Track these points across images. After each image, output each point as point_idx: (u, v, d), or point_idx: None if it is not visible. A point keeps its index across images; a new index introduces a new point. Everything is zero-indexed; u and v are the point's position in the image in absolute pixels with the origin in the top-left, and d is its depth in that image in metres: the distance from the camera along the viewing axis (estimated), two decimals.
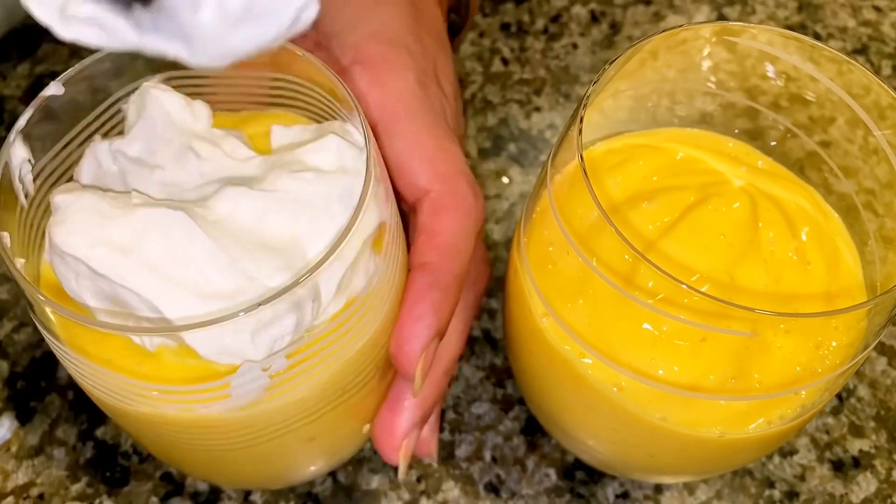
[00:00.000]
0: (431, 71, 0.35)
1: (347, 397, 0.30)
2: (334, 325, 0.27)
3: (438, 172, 0.32)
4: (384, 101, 0.32)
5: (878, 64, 0.55)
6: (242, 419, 0.28)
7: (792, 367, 0.30)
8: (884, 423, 0.42)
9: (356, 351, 0.29)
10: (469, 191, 0.32)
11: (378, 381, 0.32)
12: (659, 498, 0.39)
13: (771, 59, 0.34)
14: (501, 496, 0.40)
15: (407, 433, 0.33)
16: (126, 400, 0.28)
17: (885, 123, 0.32)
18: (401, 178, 0.32)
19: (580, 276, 0.30)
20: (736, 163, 0.35)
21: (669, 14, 0.57)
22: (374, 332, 0.29)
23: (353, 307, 0.28)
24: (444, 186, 0.32)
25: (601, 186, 0.34)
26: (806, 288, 0.32)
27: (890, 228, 0.33)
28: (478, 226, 0.33)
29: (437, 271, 0.31)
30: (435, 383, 0.33)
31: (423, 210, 0.32)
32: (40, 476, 0.39)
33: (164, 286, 0.26)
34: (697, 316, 0.27)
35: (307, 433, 0.31)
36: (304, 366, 0.27)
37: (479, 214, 0.33)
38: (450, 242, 0.31)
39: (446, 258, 0.31)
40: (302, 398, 0.28)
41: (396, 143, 0.32)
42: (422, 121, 0.33)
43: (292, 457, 0.33)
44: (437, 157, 0.32)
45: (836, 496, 0.40)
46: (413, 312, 0.30)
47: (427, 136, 0.33)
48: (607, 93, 0.33)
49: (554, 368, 0.32)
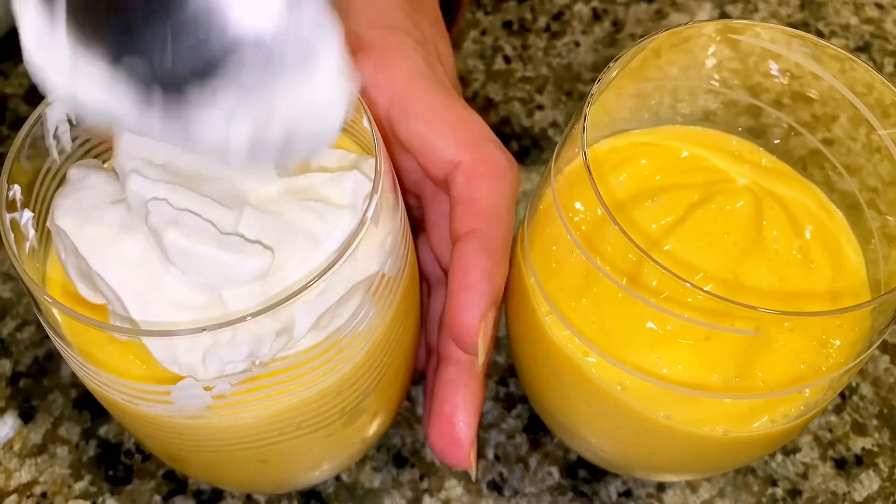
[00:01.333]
0: (433, 52, 0.34)
1: (304, 433, 0.29)
2: (294, 364, 0.27)
3: (465, 142, 0.31)
4: (393, 84, 0.31)
5: (880, 61, 0.55)
6: (189, 427, 0.28)
7: (796, 365, 0.30)
8: (887, 421, 0.42)
9: (316, 392, 0.28)
10: (501, 155, 0.31)
11: (342, 426, 0.31)
12: (662, 496, 0.39)
13: (774, 56, 0.34)
14: (504, 494, 0.40)
15: (472, 442, 0.32)
16: (103, 389, 0.28)
17: (888, 121, 0.31)
18: (426, 157, 0.31)
19: (584, 275, 0.30)
20: (739, 161, 0.35)
21: (672, 12, 0.57)
22: (341, 376, 0.28)
23: (319, 349, 0.27)
24: (473, 155, 0.31)
25: (605, 185, 0.33)
26: (810, 286, 0.32)
27: (893, 226, 0.33)
28: (515, 189, 0.32)
29: (483, 238, 0.30)
30: (479, 384, 0.32)
31: (456, 182, 0.31)
32: (43, 474, 0.39)
33: (133, 283, 0.26)
34: (701, 314, 0.27)
35: (256, 456, 0.30)
36: (252, 395, 0.27)
37: (514, 178, 0.32)
38: (491, 207, 0.30)
39: (490, 224, 0.30)
40: (248, 424, 0.28)
41: (415, 123, 0.31)
42: (436, 95, 0.32)
43: (247, 472, 0.33)
44: (459, 127, 0.31)
45: (839, 494, 0.40)
46: (465, 281, 0.29)
47: (445, 109, 0.31)
48: (611, 91, 0.33)
49: (557, 367, 0.32)
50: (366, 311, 0.27)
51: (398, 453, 0.40)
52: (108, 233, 0.26)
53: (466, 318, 0.29)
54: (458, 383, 0.32)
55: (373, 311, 0.28)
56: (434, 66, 0.33)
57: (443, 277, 0.35)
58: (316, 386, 0.27)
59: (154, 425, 0.28)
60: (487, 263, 0.29)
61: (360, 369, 0.29)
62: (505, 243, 0.30)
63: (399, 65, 0.32)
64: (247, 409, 0.27)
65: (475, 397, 0.32)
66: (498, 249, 0.30)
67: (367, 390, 0.30)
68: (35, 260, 0.29)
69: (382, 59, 0.32)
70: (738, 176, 0.35)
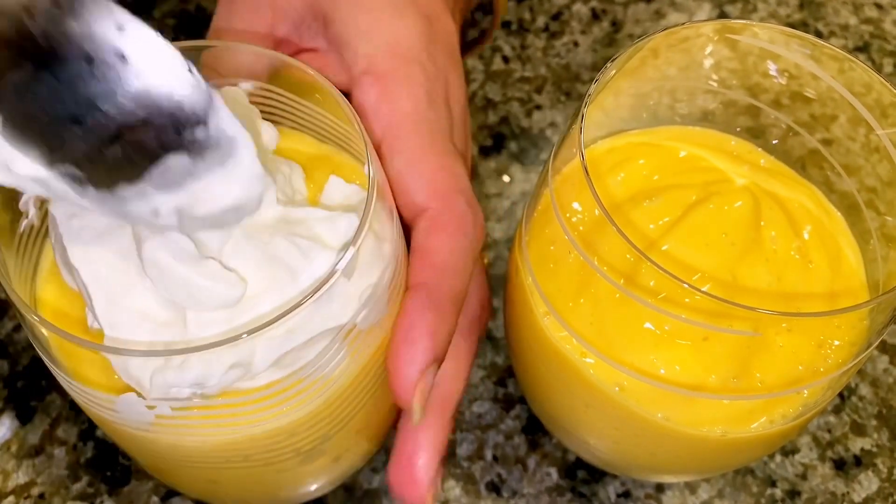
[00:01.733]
0: (442, 89, 0.34)
1: (253, 465, 0.29)
2: (246, 399, 0.26)
3: (437, 190, 0.31)
4: (391, 117, 0.32)
5: (879, 62, 0.55)
6: (136, 437, 0.28)
7: (794, 366, 0.30)
8: (885, 421, 0.42)
9: (265, 431, 0.27)
10: (467, 209, 0.31)
11: (298, 464, 0.30)
12: (660, 497, 0.39)
13: (772, 56, 0.34)
14: (503, 495, 0.39)
15: (431, 482, 0.31)
16: (65, 385, 0.28)
17: (887, 121, 0.31)
18: (400, 196, 0.31)
19: (582, 275, 0.30)
20: (738, 161, 0.35)
21: (671, 12, 0.57)
22: (296, 418, 0.27)
23: (276, 387, 0.26)
24: (441, 204, 0.31)
25: (603, 185, 0.33)
26: (808, 287, 0.32)
27: (892, 226, 0.32)
28: (476, 246, 0.31)
29: (432, 291, 0.29)
30: (441, 427, 0.31)
31: (418, 229, 0.31)
32: (41, 475, 0.39)
33: (106, 284, 0.26)
34: (699, 315, 0.27)
35: (204, 476, 0.30)
36: (195, 421, 0.26)
37: (477, 234, 0.31)
38: (445, 261, 0.30)
39: (442, 278, 0.30)
40: (191, 447, 0.27)
41: (398, 159, 0.31)
42: (427, 138, 0.32)
43: (201, 490, 0.33)
44: (437, 175, 0.31)
45: (838, 495, 0.40)
46: (408, 336, 0.28)
47: (430, 154, 0.31)
48: (609, 91, 0.33)
49: (555, 367, 0.31)
50: (332, 356, 0.26)
51: None
52: (96, 228, 0.26)
53: (404, 374, 0.28)
54: (420, 424, 0.31)
55: (340, 358, 0.27)
56: (437, 106, 0.33)
57: None
58: (266, 424, 0.27)
59: (109, 428, 0.28)
60: (433, 321, 0.28)
61: (318, 414, 0.28)
62: (455, 299, 0.30)
63: (402, 101, 0.32)
64: (190, 434, 0.27)
65: (437, 438, 0.31)
66: (445, 305, 0.29)
67: (328, 435, 0.29)
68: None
69: (388, 90, 0.32)
70: (736, 176, 0.35)
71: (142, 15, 0.22)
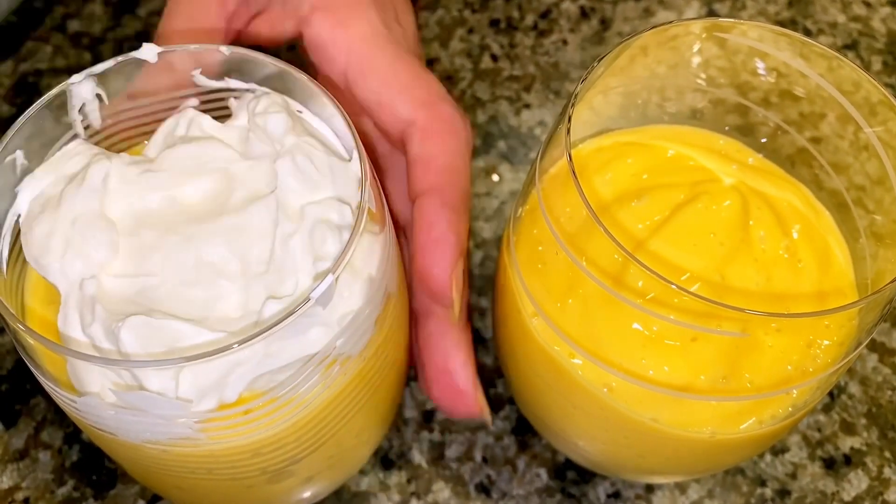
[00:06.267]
0: (392, 11, 0.35)
1: (218, 479, 0.28)
2: (205, 417, 0.25)
3: (420, 100, 0.32)
4: (350, 43, 0.32)
5: (868, 59, 0.55)
6: (99, 435, 0.27)
7: (783, 366, 0.29)
8: (875, 420, 0.42)
9: (225, 447, 0.26)
10: (454, 113, 0.32)
11: (266, 483, 0.29)
12: (650, 497, 0.39)
13: (761, 55, 0.34)
14: (492, 496, 0.39)
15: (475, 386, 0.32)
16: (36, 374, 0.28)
17: (876, 119, 0.31)
18: (382, 114, 0.32)
19: (570, 276, 0.30)
20: (726, 160, 0.35)
21: (659, 10, 0.57)
22: (259, 438, 0.26)
23: (239, 408, 0.25)
24: (428, 113, 0.32)
25: (590, 185, 0.33)
26: (797, 286, 0.32)
27: (880, 225, 0.32)
28: (469, 146, 0.33)
29: (444, 192, 0.30)
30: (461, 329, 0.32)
31: (412, 140, 0.32)
32: (26, 480, 0.39)
33: (65, 264, 0.26)
34: (688, 316, 0.27)
35: (171, 482, 0.29)
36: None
37: (468, 134, 0.33)
38: (447, 164, 0.31)
39: (448, 179, 0.31)
40: (151, 455, 0.27)
41: (371, 80, 0.32)
42: (393, 54, 0.33)
43: (168, 493, 0.32)
44: (414, 85, 0.32)
45: (828, 494, 0.40)
46: (432, 236, 0.29)
47: (401, 68, 0.32)
48: (597, 90, 0.32)
49: (544, 369, 0.31)
50: (304, 381, 0.26)
51: (385, 456, 0.40)
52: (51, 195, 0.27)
53: (438, 272, 0.29)
54: (441, 334, 0.32)
55: (312, 383, 0.26)
56: (391, 26, 0.34)
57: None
58: (225, 442, 0.26)
59: (92, 433, 0.28)
60: (452, 219, 0.30)
61: (285, 436, 0.27)
62: (463, 197, 0.31)
63: (357, 24, 0.33)
64: (151, 442, 0.26)
65: (462, 342, 0.33)
66: (458, 204, 0.31)
67: (296, 458, 0.28)
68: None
69: (340, 18, 0.33)
70: (724, 175, 0.34)
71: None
